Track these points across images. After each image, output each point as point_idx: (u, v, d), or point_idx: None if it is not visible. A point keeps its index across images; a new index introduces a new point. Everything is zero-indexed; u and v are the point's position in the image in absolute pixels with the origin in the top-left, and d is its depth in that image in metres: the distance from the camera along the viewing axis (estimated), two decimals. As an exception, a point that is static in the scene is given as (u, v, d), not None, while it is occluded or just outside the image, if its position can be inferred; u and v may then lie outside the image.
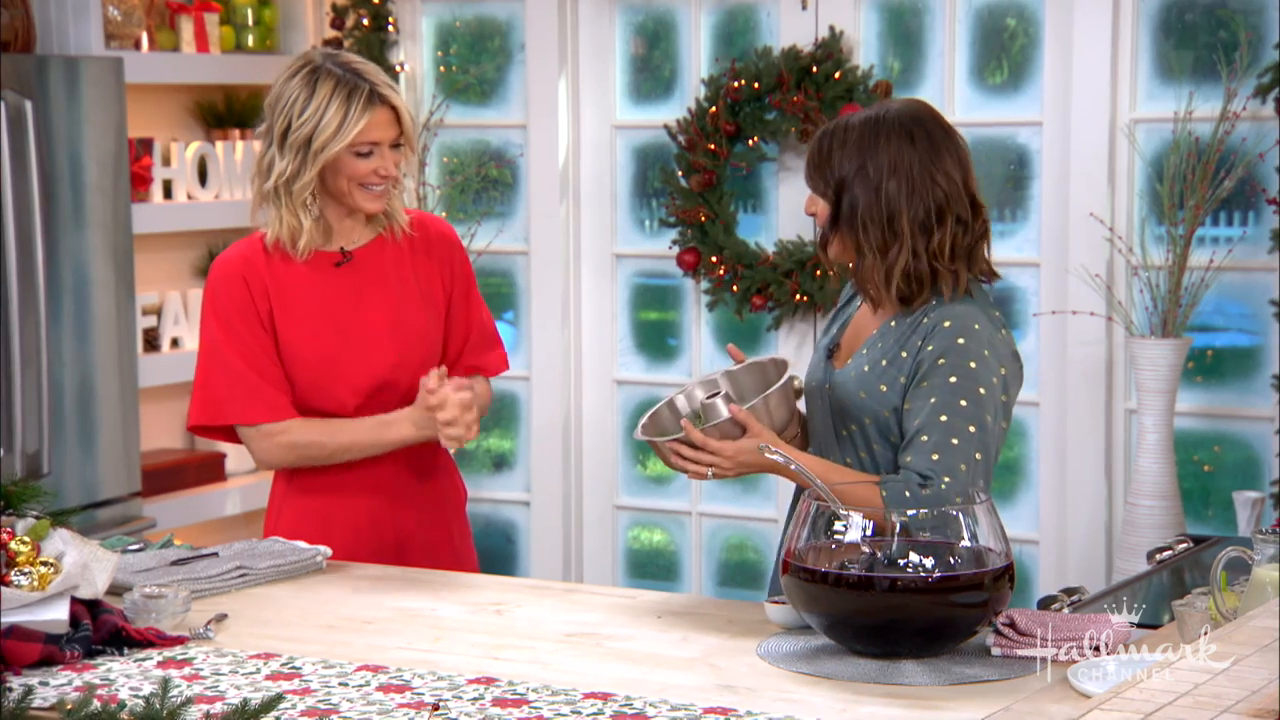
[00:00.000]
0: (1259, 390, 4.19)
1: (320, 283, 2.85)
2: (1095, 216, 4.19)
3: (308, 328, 2.84)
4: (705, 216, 4.62)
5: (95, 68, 4.32)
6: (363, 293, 2.86)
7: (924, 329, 2.57)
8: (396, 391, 2.87)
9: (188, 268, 5.05)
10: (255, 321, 2.82)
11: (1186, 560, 2.98)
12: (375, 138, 2.77)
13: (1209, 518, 4.31)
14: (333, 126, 2.75)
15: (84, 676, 2.20)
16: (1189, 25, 4.23)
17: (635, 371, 4.93)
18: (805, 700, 2.08)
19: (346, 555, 2.86)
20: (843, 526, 2.23)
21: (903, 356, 2.58)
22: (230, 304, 2.83)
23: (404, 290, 2.88)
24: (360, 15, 4.97)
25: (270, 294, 2.83)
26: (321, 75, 2.77)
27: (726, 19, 4.72)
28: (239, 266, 2.84)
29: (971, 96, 4.44)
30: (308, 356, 2.84)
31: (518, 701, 2.08)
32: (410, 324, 2.88)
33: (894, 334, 2.62)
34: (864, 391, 2.61)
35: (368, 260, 2.88)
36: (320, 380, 2.84)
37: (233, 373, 2.82)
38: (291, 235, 2.82)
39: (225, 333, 2.83)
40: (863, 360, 2.64)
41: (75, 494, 4.17)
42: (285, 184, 2.79)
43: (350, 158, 2.78)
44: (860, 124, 2.61)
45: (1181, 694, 1.70)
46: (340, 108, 2.75)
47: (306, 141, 2.76)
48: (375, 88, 2.77)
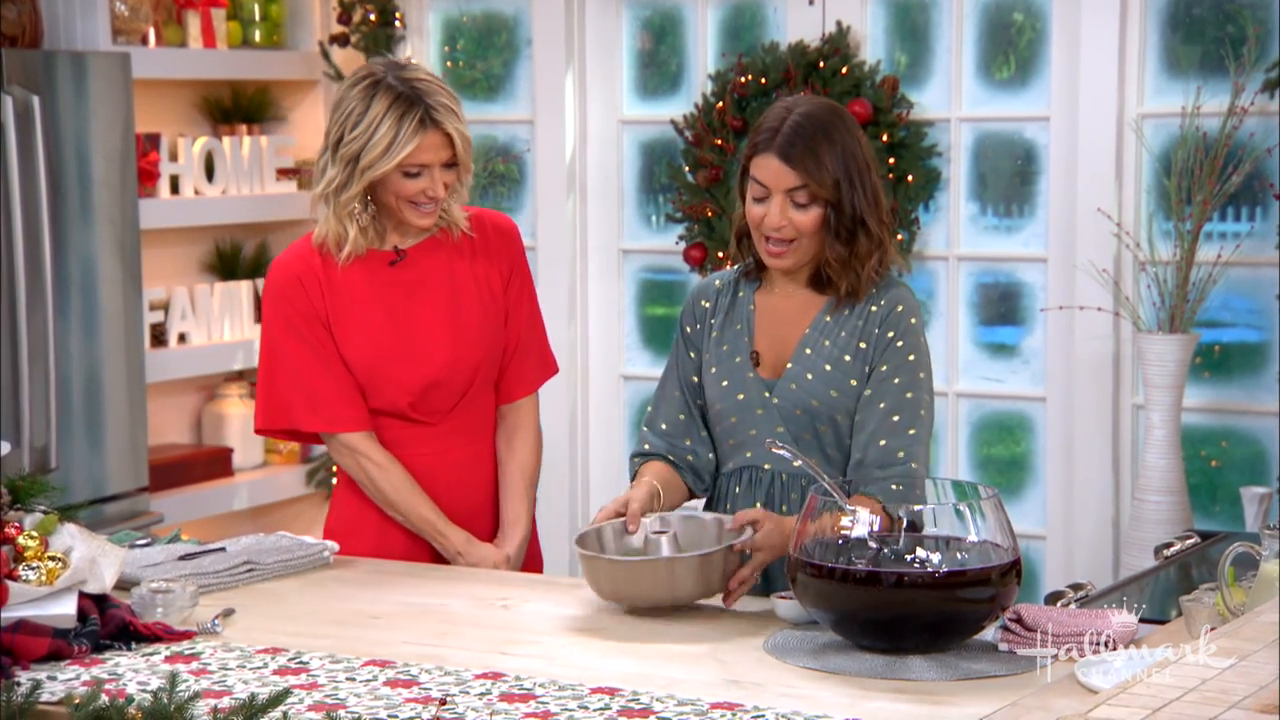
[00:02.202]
0: (1266, 385, 4.18)
1: (374, 282, 2.83)
2: (1103, 212, 4.19)
3: (361, 326, 2.82)
4: (712, 212, 4.62)
5: (102, 63, 4.32)
6: (416, 292, 2.84)
7: (878, 317, 2.59)
8: (448, 390, 2.85)
9: (195, 263, 5.06)
10: (316, 323, 2.82)
11: (1194, 556, 2.98)
12: (424, 160, 2.73)
13: (1216, 513, 4.31)
14: (381, 146, 2.71)
15: (92, 671, 2.20)
16: (1196, 20, 4.22)
17: (642, 366, 4.93)
18: (812, 695, 2.08)
19: (404, 554, 2.86)
20: (849, 522, 2.23)
21: (862, 348, 2.59)
22: (290, 307, 2.82)
23: (459, 290, 2.86)
24: (367, 11, 4.97)
25: (326, 293, 2.82)
26: (380, 90, 2.72)
27: (733, 14, 4.72)
28: (296, 268, 2.83)
29: (978, 91, 4.43)
30: (361, 355, 2.82)
31: (525, 696, 2.08)
32: (464, 324, 2.85)
33: (841, 326, 2.60)
34: (835, 390, 2.59)
35: (422, 259, 2.85)
36: (373, 379, 2.83)
37: (298, 376, 2.82)
38: (336, 241, 2.81)
39: (288, 336, 2.82)
40: (818, 359, 2.60)
41: (83, 489, 4.17)
42: (333, 193, 2.77)
43: (398, 177, 2.74)
44: (829, 118, 2.58)
45: (1189, 689, 1.70)
46: (391, 128, 2.70)
47: (355, 157, 2.73)
48: (431, 110, 2.71)
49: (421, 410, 2.85)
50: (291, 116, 5.18)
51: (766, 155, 2.57)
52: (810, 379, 2.60)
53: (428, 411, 2.85)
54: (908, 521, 2.22)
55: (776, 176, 2.56)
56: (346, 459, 2.86)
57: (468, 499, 2.91)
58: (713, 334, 2.68)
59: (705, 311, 2.69)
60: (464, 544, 2.85)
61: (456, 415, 2.88)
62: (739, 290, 2.70)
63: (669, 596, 2.42)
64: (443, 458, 2.88)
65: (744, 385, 2.64)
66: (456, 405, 2.87)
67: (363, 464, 2.84)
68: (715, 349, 2.67)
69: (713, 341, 2.68)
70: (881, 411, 2.56)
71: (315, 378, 2.82)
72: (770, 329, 2.65)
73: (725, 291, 2.71)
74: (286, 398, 2.84)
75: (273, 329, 2.85)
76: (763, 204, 2.58)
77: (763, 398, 2.62)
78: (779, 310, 2.66)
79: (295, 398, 2.83)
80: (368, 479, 2.84)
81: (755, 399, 2.63)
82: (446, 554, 2.86)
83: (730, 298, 2.70)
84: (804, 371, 2.61)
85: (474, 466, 2.91)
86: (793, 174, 2.55)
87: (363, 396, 2.83)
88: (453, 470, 2.89)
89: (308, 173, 5.11)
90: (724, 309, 2.68)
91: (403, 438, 2.86)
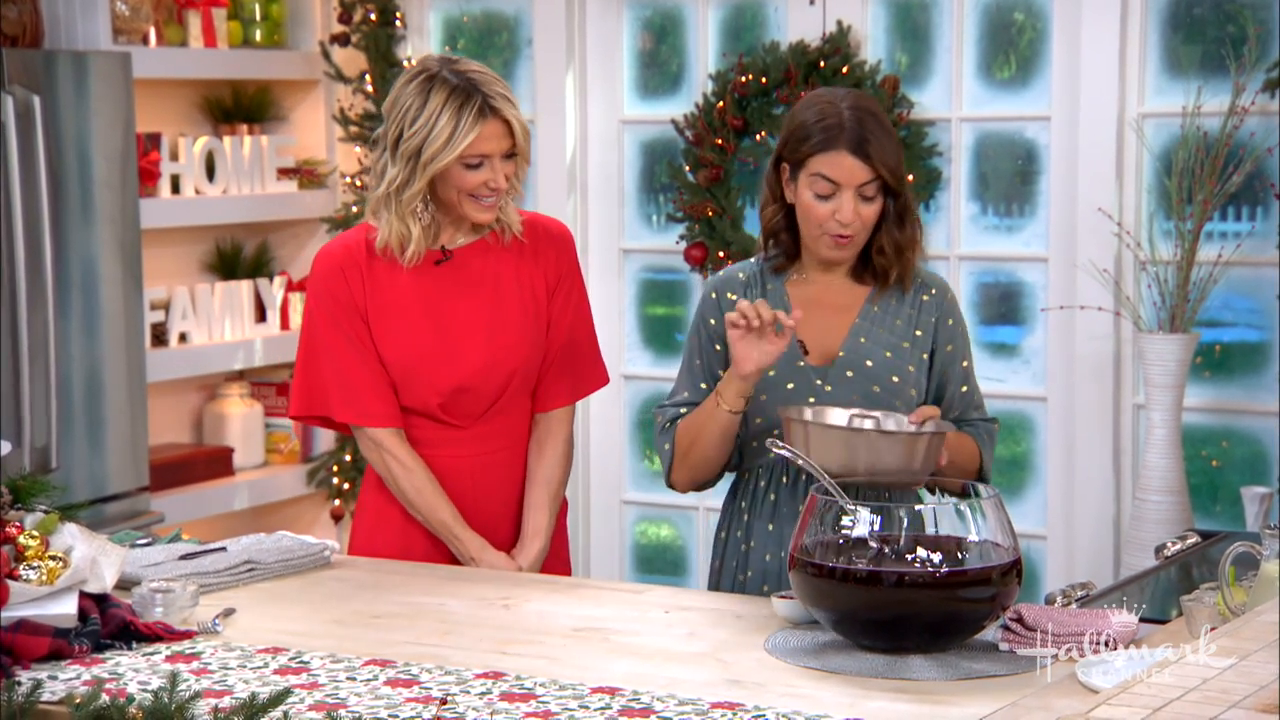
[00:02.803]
0: (1267, 385, 4.18)
1: (417, 280, 2.82)
2: (1103, 211, 4.19)
3: (399, 323, 2.82)
4: (713, 211, 4.62)
5: (103, 62, 4.32)
6: (458, 293, 2.83)
7: (931, 305, 2.71)
8: (479, 395, 2.84)
9: (195, 262, 5.06)
10: (355, 315, 2.82)
11: (1194, 555, 2.98)
12: (485, 150, 2.73)
13: (1217, 513, 4.31)
14: (443, 138, 2.71)
15: (92, 671, 2.20)
16: (1197, 20, 4.22)
17: (642, 366, 4.93)
18: (812, 695, 2.08)
19: (425, 555, 2.86)
20: (850, 521, 2.23)
21: (918, 335, 2.69)
22: (332, 297, 2.82)
23: (502, 294, 2.84)
24: (368, 10, 4.97)
25: (367, 287, 2.82)
26: (436, 84, 2.73)
27: (734, 14, 4.72)
28: (340, 259, 2.83)
29: (979, 91, 4.43)
30: (396, 352, 2.82)
31: (525, 696, 2.08)
32: (504, 329, 2.84)
33: (894, 314, 2.69)
34: (896, 375, 2.67)
35: (468, 261, 2.84)
36: (407, 377, 2.83)
37: (336, 366, 2.83)
38: (400, 242, 2.80)
39: (328, 325, 2.83)
40: (875, 346, 2.67)
41: (83, 489, 4.17)
42: (395, 192, 2.76)
43: (460, 169, 2.74)
44: (876, 108, 2.66)
45: (1189, 689, 1.70)
46: (451, 119, 2.71)
47: (417, 152, 2.73)
48: (489, 99, 2.72)
49: (452, 413, 2.84)
50: (292, 116, 5.18)
51: (836, 152, 2.60)
52: (870, 365, 2.67)
53: (458, 414, 2.85)
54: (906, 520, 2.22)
55: (850, 172, 2.60)
56: (373, 454, 2.86)
57: (491, 505, 2.89)
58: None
59: (732, 304, 2.67)
60: (479, 550, 2.84)
61: (488, 421, 2.87)
62: (767, 283, 2.73)
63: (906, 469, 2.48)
64: (470, 462, 2.87)
65: (793, 375, 2.68)
66: (488, 410, 2.86)
67: (388, 461, 2.84)
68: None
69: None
70: (957, 387, 2.74)
71: (351, 370, 2.82)
72: (813, 319, 2.67)
73: (753, 284, 2.74)
74: (324, 386, 2.84)
75: (314, 317, 2.85)
76: (829, 200, 2.62)
77: (814, 385, 2.67)
78: (820, 300, 2.70)
79: (332, 387, 2.83)
80: (391, 476, 2.85)
81: (807, 388, 2.67)
82: (461, 558, 2.86)
83: (760, 290, 2.72)
84: (861, 358, 2.67)
85: (502, 473, 2.89)
86: (866, 169, 2.60)
87: (395, 393, 2.83)
88: (478, 475, 2.88)
89: (308, 172, 5.11)
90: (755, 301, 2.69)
91: (431, 438, 2.86)
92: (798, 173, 2.64)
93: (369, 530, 2.90)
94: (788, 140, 2.67)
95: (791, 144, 2.65)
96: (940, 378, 2.74)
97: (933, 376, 2.73)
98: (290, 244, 5.18)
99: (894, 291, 2.70)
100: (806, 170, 2.62)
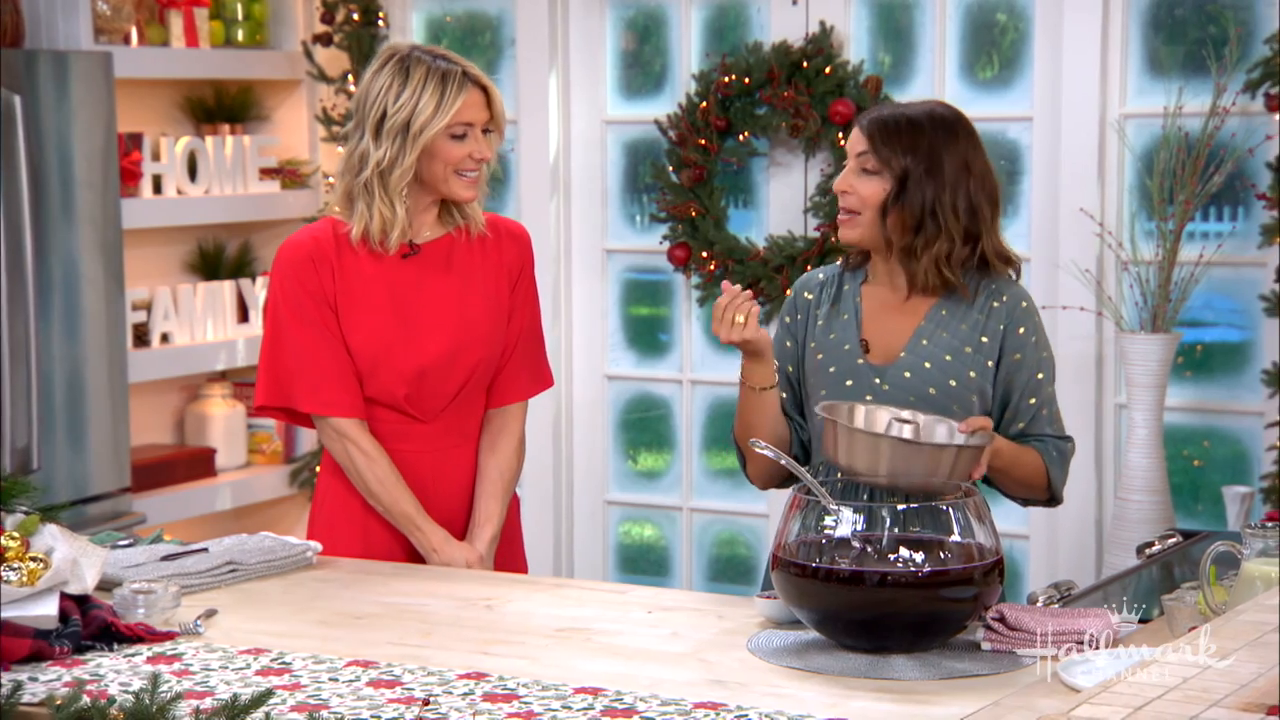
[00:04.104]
0: (1248, 385, 4.20)
1: (385, 271, 2.85)
2: (1085, 212, 4.20)
3: (366, 312, 2.84)
4: (696, 212, 4.62)
5: (84, 62, 4.31)
6: (426, 282, 2.86)
7: (1000, 313, 2.73)
8: (444, 381, 2.86)
9: (177, 263, 5.04)
10: (324, 304, 2.83)
11: (1176, 555, 2.98)
12: (470, 118, 2.80)
13: (1198, 512, 4.32)
14: (431, 107, 2.77)
15: (73, 672, 2.19)
16: (1179, 20, 4.24)
17: (626, 367, 4.93)
18: (795, 695, 2.08)
19: (385, 550, 2.87)
20: (833, 521, 2.23)
21: (983, 341, 2.72)
22: (300, 286, 2.83)
23: (468, 284, 2.88)
24: (350, 10, 4.96)
25: (336, 277, 2.83)
26: (412, 63, 2.80)
27: (717, 14, 4.72)
28: (310, 249, 2.84)
29: (962, 91, 4.44)
30: (364, 341, 2.84)
31: (508, 696, 2.08)
32: (470, 319, 2.87)
33: (959, 320, 2.72)
34: (954, 379, 2.69)
35: (435, 254, 2.88)
36: (374, 366, 2.84)
37: (301, 355, 2.83)
38: (384, 226, 2.82)
39: (294, 314, 2.83)
40: (937, 349, 2.70)
41: (65, 489, 4.16)
42: (383, 174, 2.80)
43: (446, 141, 2.79)
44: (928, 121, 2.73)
45: (1170, 688, 1.70)
46: (436, 89, 2.78)
47: (405, 126, 2.78)
48: (466, 70, 2.81)
49: (415, 404, 2.85)
50: (274, 116, 5.17)
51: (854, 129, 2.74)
52: (929, 367, 2.70)
53: (421, 406, 2.86)
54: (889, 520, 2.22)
55: (852, 143, 2.72)
56: (335, 444, 2.86)
57: (449, 500, 2.91)
58: (818, 324, 2.76)
59: (808, 303, 2.78)
60: (441, 542, 2.85)
61: (449, 415, 2.89)
62: (844, 283, 2.79)
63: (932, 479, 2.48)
64: (431, 456, 2.89)
65: (853, 372, 2.72)
66: (450, 404, 2.88)
67: (350, 451, 2.84)
68: (822, 338, 2.76)
69: (819, 330, 2.76)
70: (1026, 402, 2.73)
71: (315, 359, 2.83)
72: (879, 319, 2.73)
73: (830, 284, 2.80)
74: (288, 377, 2.85)
75: (279, 307, 2.85)
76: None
77: (872, 384, 2.70)
78: (888, 301, 2.75)
79: (297, 377, 2.84)
80: (353, 466, 2.85)
81: (865, 385, 2.71)
82: (421, 550, 2.86)
83: (835, 290, 2.79)
84: (920, 360, 2.70)
85: (459, 469, 2.92)
86: (863, 140, 2.70)
87: (360, 384, 2.84)
88: (438, 470, 2.90)
89: (291, 172, 5.10)
90: (829, 300, 2.78)
91: (394, 431, 2.87)
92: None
93: (328, 525, 2.90)
94: None
95: None
96: (1005, 386, 2.73)
97: (998, 384, 2.73)
98: (273, 244, 5.17)
99: (958, 297, 2.74)
100: None
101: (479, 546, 2.88)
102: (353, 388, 2.84)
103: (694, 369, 4.83)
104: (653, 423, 4.93)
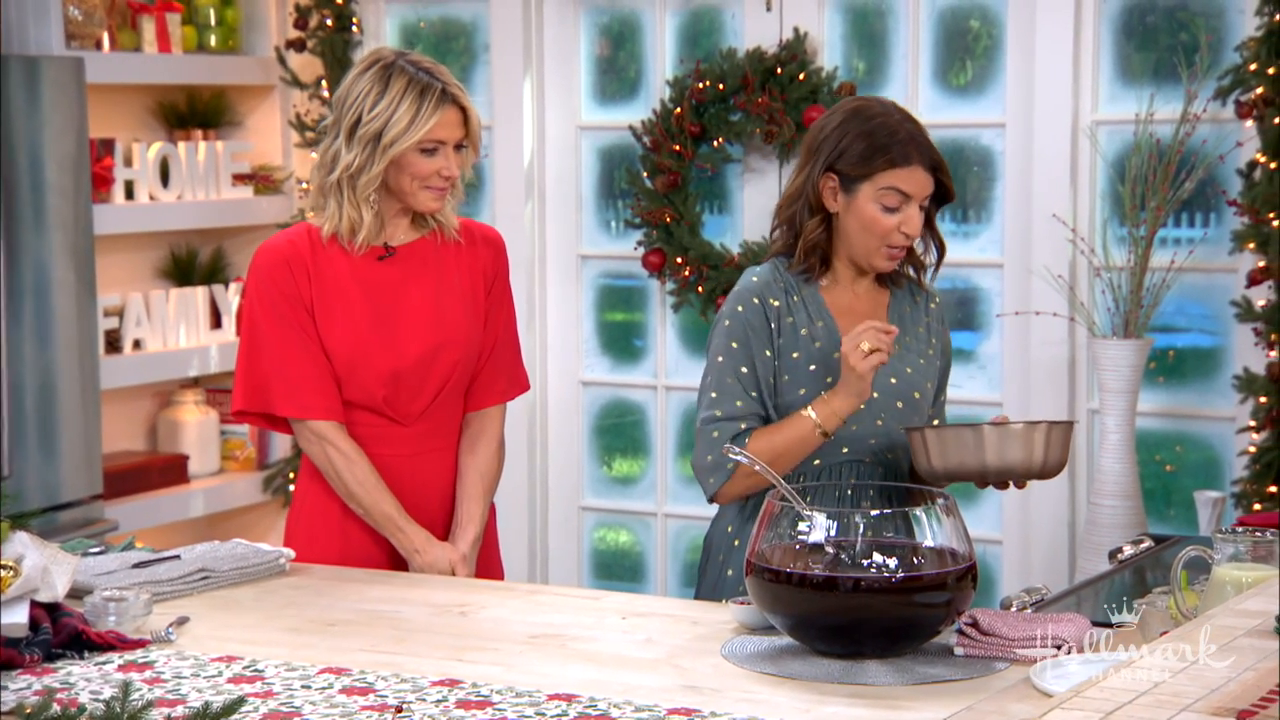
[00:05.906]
0: (1220, 390, 4.22)
1: (362, 273, 2.85)
2: (1058, 218, 4.21)
3: (344, 315, 2.83)
4: (670, 218, 4.62)
5: (56, 68, 4.29)
6: (403, 284, 2.86)
7: (938, 313, 2.85)
8: (423, 383, 2.85)
9: (150, 269, 5.03)
10: (300, 308, 2.82)
11: (1148, 559, 2.99)
12: (443, 136, 2.79)
13: (1170, 517, 4.34)
14: (404, 122, 2.76)
15: (44, 680, 2.18)
16: (1150, 28, 4.26)
17: (601, 373, 4.93)
18: (769, 700, 2.08)
19: (363, 555, 2.86)
20: (806, 527, 2.23)
21: (934, 341, 2.83)
22: (276, 290, 2.83)
23: (444, 286, 2.89)
24: (324, 16, 4.95)
25: (313, 280, 2.83)
26: (395, 72, 2.79)
27: (691, 20, 4.73)
28: (285, 252, 2.84)
29: (935, 98, 4.45)
30: (341, 344, 2.83)
31: (482, 703, 2.08)
32: (448, 321, 2.87)
33: (916, 321, 2.81)
34: (930, 381, 2.79)
35: (411, 256, 2.88)
36: (352, 368, 2.84)
37: (278, 359, 2.83)
38: (351, 228, 2.83)
39: (270, 319, 2.83)
40: (911, 354, 2.77)
41: (36, 497, 4.14)
42: (351, 178, 2.80)
43: (416, 156, 2.79)
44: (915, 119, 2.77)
45: (1142, 693, 1.71)
46: (412, 104, 2.77)
47: (376, 136, 2.77)
48: (446, 87, 2.80)
49: (394, 406, 2.85)
50: (248, 122, 5.16)
51: (913, 168, 2.69)
52: (910, 372, 2.77)
53: (400, 408, 2.86)
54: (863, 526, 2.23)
55: (923, 186, 2.71)
56: (314, 447, 2.86)
57: (429, 504, 2.91)
58: (801, 331, 2.75)
59: (778, 310, 2.76)
60: (423, 542, 2.85)
61: (428, 418, 2.89)
62: (801, 289, 2.78)
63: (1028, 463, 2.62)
64: (411, 460, 2.88)
65: (831, 374, 2.73)
66: (429, 407, 2.87)
67: (330, 453, 2.84)
68: (806, 345, 2.74)
69: (802, 339, 2.74)
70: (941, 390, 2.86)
71: (293, 363, 2.82)
72: (851, 324, 2.74)
73: (791, 290, 2.78)
74: (265, 381, 2.84)
75: (255, 312, 2.85)
76: (897, 213, 2.70)
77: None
78: (852, 305, 2.79)
79: (274, 381, 2.84)
80: (333, 469, 2.84)
81: None
82: (403, 551, 2.86)
83: (799, 296, 2.77)
84: (903, 365, 2.76)
85: (439, 473, 2.91)
86: (933, 181, 2.72)
87: (338, 387, 2.84)
88: (418, 474, 2.89)
89: (264, 178, 5.08)
90: (798, 307, 2.76)
91: (372, 435, 2.86)
92: (858, 185, 2.71)
93: (307, 530, 2.89)
94: (842, 153, 2.71)
95: (852, 158, 2.70)
96: (937, 386, 2.85)
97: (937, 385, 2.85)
98: (246, 250, 5.15)
99: (905, 299, 2.81)
100: (874, 184, 2.70)
101: (461, 547, 2.87)
102: (330, 391, 2.84)
103: (668, 375, 4.84)
104: (627, 428, 4.93)
